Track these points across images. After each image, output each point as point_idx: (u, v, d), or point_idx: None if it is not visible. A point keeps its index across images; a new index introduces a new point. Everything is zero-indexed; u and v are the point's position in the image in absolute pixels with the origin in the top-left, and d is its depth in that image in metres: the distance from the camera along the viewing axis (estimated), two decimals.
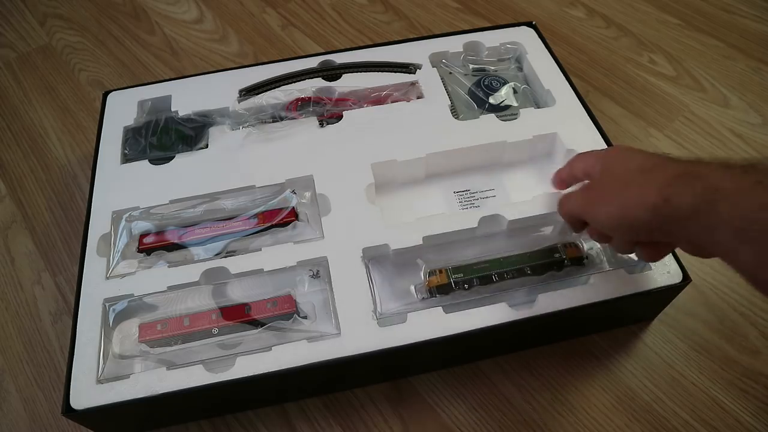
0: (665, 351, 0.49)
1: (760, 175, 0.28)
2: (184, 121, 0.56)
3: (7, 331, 0.54)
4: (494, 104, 0.57)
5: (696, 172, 0.31)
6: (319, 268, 0.46)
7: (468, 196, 0.53)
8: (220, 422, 0.47)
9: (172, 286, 0.46)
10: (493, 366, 0.49)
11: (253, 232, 0.48)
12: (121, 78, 0.74)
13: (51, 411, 0.49)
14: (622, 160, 0.37)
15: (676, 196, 0.31)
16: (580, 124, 0.54)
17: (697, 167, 0.31)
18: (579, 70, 0.71)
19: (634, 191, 0.33)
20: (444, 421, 0.47)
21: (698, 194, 0.30)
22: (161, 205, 0.50)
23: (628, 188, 0.34)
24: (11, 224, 0.61)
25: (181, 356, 0.43)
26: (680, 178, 0.31)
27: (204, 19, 0.82)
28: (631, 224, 0.34)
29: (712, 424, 0.45)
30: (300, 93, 0.57)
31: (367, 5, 0.82)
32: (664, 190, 0.31)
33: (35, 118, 0.71)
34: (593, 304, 0.43)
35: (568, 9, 0.79)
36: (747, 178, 0.28)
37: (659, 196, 0.31)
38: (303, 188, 0.51)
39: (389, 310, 0.44)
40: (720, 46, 0.72)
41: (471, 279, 0.45)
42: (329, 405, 0.48)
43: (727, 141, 0.63)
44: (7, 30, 0.82)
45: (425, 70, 0.59)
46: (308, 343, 0.42)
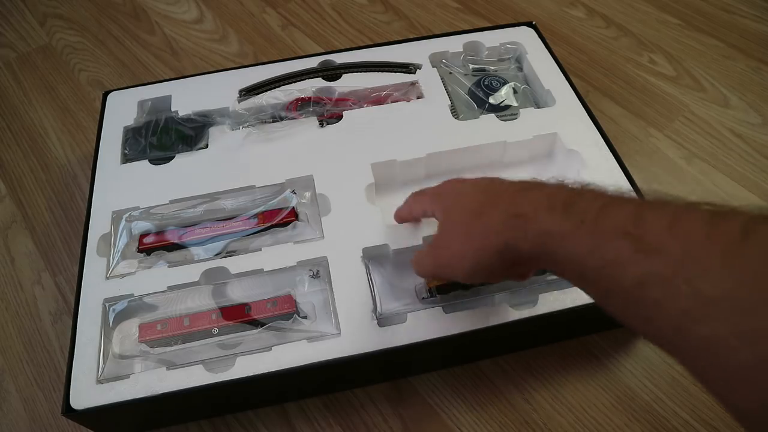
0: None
1: (581, 214, 0.27)
2: (184, 121, 0.56)
3: (7, 331, 0.54)
4: (494, 104, 0.57)
5: (524, 213, 0.30)
6: (319, 268, 0.46)
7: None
8: (220, 422, 0.47)
9: (172, 286, 0.46)
10: (493, 366, 0.49)
11: (253, 232, 0.48)
12: (121, 78, 0.74)
13: (51, 411, 0.49)
14: (457, 204, 0.36)
15: (513, 241, 0.30)
16: (580, 124, 0.54)
17: (523, 206, 0.30)
18: (579, 70, 0.71)
19: (477, 241, 0.32)
20: (444, 421, 0.47)
21: (531, 240, 0.29)
22: (161, 205, 0.50)
23: (469, 238, 0.33)
24: (11, 224, 0.61)
25: (181, 356, 0.43)
26: (511, 220, 0.30)
27: (204, 19, 0.82)
28: (485, 271, 0.34)
29: (712, 424, 0.45)
30: (300, 93, 0.57)
31: (367, 5, 0.82)
32: (501, 235, 0.31)
33: (35, 118, 0.71)
34: (593, 304, 0.43)
35: (568, 9, 0.79)
36: (569, 219, 0.27)
37: (499, 241, 0.31)
38: (303, 188, 0.51)
39: (389, 310, 0.44)
40: (720, 46, 0.72)
41: None
42: (329, 405, 0.48)
43: (727, 141, 0.63)
44: (7, 30, 0.82)
45: (425, 70, 0.59)
46: (308, 343, 0.42)
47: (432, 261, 0.38)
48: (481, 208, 0.33)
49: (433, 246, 0.38)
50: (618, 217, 0.25)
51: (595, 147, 0.52)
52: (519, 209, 0.30)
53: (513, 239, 0.30)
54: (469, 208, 0.34)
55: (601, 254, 0.25)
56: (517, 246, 0.30)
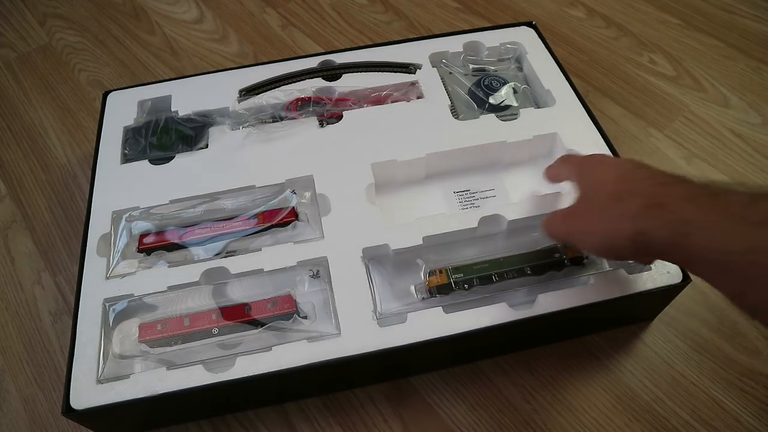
0: (665, 351, 0.49)
1: (728, 205, 0.28)
2: (184, 121, 0.56)
3: (7, 331, 0.54)
4: (494, 104, 0.57)
5: (664, 203, 0.31)
6: (319, 268, 0.46)
7: (468, 196, 0.53)
8: (220, 422, 0.47)
9: (172, 286, 0.46)
10: (493, 366, 0.49)
11: (253, 232, 0.48)
12: (121, 78, 0.74)
13: (51, 411, 0.49)
14: (597, 183, 0.37)
15: (650, 229, 0.31)
16: (580, 124, 0.54)
17: (664, 197, 0.31)
18: (579, 70, 0.71)
19: (610, 223, 0.34)
20: (444, 421, 0.47)
21: (669, 227, 0.30)
22: (161, 205, 0.50)
23: (604, 219, 0.34)
24: (11, 224, 0.61)
25: (181, 356, 0.43)
26: (650, 210, 0.31)
27: (204, 19, 0.82)
28: (612, 252, 0.35)
29: (712, 424, 0.45)
30: (300, 93, 0.57)
31: (367, 5, 0.82)
32: (637, 222, 0.32)
33: (35, 118, 0.71)
34: (593, 304, 0.43)
35: (568, 9, 0.79)
36: (715, 209, 0.28)
37: (633, 228, 0.32)
38: (303, 188, 0.51)
39: (389, 310, 0.44)
40: (720, 46, 0.72)
41: (471, 279, 0.45)
42: (329, 405, 0.48)
43: (727, 141, 0.63)
44: (7, 30, 0.82)
45: (425, 70, 0.59)
46: (308, 343, 0.42)
47: (565, 228, 0.39)
48: (621, 193, 0.34)
49: (568, 214, 0.39)
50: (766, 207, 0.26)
51: (595, 147, 0.52)
52: (659, 199, 0.31)
53: (649, 227, 0.31)
54: (608, 190, 0.35)
55: (746, 241, 0.26)
56: (651, 234, 0.31)
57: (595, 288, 0.44)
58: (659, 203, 0.31)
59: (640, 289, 0.44)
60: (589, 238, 0.36)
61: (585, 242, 0.37)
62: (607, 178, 0.36)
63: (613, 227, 0.33)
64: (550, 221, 0.41)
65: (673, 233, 0.30)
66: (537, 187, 0.51)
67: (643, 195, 0.32)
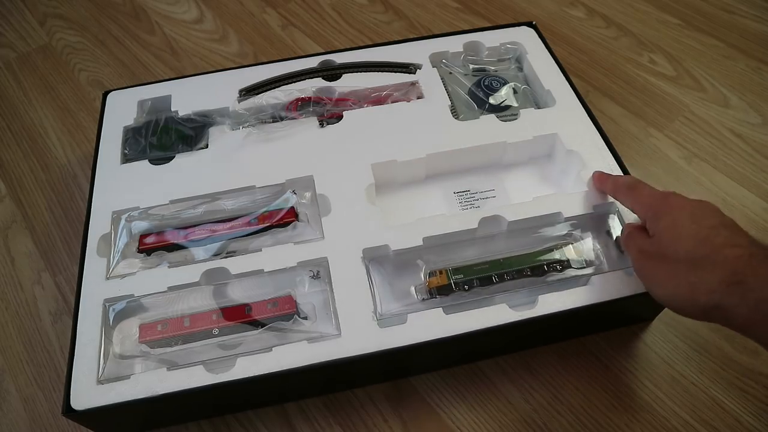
0: (665, 351, 0.49)
1: None
2: (184, 121, 0.56)
3: (7, 331, 0.54)
4: (494, 104, 0.57)
5: (747, 282, 0.29)
6: (319, 269, 0.46)
7: (468, 197, 0.53)
8: (220, 422, 0.47)
9: (173, 287, 0.46)
10: (493, 366, 0.49)
11: (253, 232, 0.48)
12: (121, 78, 0.74)
13: (51, 411, 0.49)
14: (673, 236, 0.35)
15: (728, 305, 0.30)
16: (580, 124, 0.54)
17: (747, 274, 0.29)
18: (579, 70, 0.71)
19: (684, 288, 0.32)
20: (444, 421, 0.47)
21: (753, 306, 0.29)
22: (161, 205, 0.50)
23: (678, 280, 0.33)
24: (11, 224, 0.61)
25: (181, 357, 0.43)
26: (730, 287, 0.30)
27: (204, 19, 0.82)
28: (680, 312, 0.35)
29: (712, 424, 0.45)
30: (300, 93, 0.57)
31: (367, 5, 0.82)
32: (715, 296, 0.30)
33: (35, 118, 0.71)
34: (593, 305, 0.43)
35: (568, 9, 0.79)
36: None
37: (709, 301, 0.31)
38: (303, 188, 0.51)
39: (389, 311, 0.44)
40: (720, 46, 0.72)
41: (471, 280, 0.45)
42: (329, 405, 0.48)
43: (727, 141, 0.63)
44: (7, 30, 0.82)
45: (425, 70, 0.59)
46: (308, 344, 0.42)
47: (639, 265, 0.38)
48: (701, 260, 0.32)
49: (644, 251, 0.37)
50: None
51: (595, 147, 0.52)
52: (742, 277, 0.30)
53: (727, 304, 0.30)
54: (686, 249, 0.33)
55: None
56: (730, 310, 0.30)
57: (595, 288, 0.44)
58: (741, 281, 0.29)
59: (640, 289, 0.44)
60: (659, 291, 0.35)
61: (654, 291, 0.36)
62: (686, 233, 0.34)
63: (687, 293, 0.32)
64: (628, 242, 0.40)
65: (754, 312, 0.29)
66: (537, 188, 0.52)
67: (724, 268, 0.31)
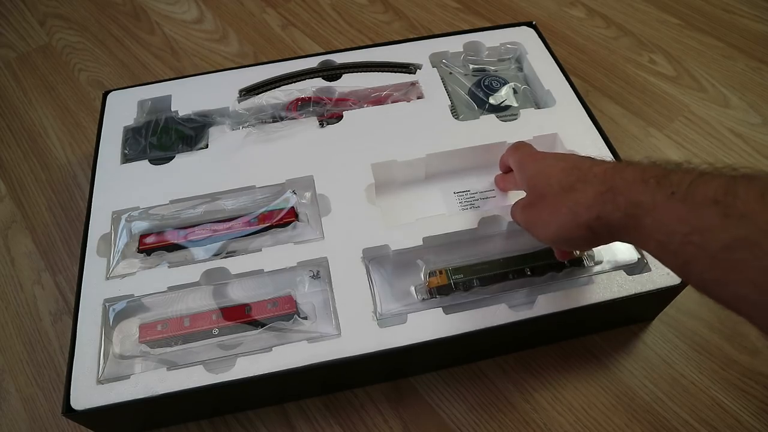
0: (665, 351, 0.49)
1: (673, 186, 0.28)
2: (184, 121, 0.56)
3: (7, 331, 0.54)
4: (494, 104, 0.57)
5: (617, 187, 0.31)
6: (319, 269, 0.46)
7: (468, 197, 0.53)
8: (220, 422, 0.47)
9: (173, 287, 0.46)
10: (493, 366, 0.49)
11: (253, 232, 0.48)
12: (121, 78, 0.74)
13: (51, 411, 0.49)
14: (544, 176, 0.38)
15: (605, 214, 0.32)
16: (580, 124, 0.54)
17: (616, 181, 0.32)
18: (579, 70, 0.71)
19: (567, 214, 0.34)
20: (444, 421, 0.47)
21: (623, 210, 0.31)
22: (161, 205, 0.50)
23: (559, 210, 0.35)
24: (11, 224, 0.61)
25: (181, 357, 0.43)
26: (604, 195, 0.32)
27: (204, 19, 0.82)
28: (569, 242, 0.36)
29: (712, 424, 0.45)
30: (300, 93, 0.57)
31: (367, 5, 0.82)
32: (593, 208, 0.32)
33: (35, 118, 0.71)
34: (593, 305, 0.43)
35: (568, 9, 0.79)
36: (662, 190, 0.29)
37: (590, 214, 0.33)
38: (303, 188, 0.51)
39: (389, 311, 0.44)
40: (720, 46, 0.72)
41: (471, 280, 0.45)
42: (329, 405, 0.48)
43: (727, 141, 0.63)
44: (7, 30, 0.82)
45: (425, 70, 0.59)
46: (308, 344, 0.42)
47: (523, 219, 0.40)
48: (573, 183, 0.35)
49: (525, 205, 0.40)
50: (709, 188, 0.27)
51: (594, 147, 0.52)
52: (611, 183, 0.32)
53: (606, 212, 0.32)
54: (558, 183, 0.36)
55: (689, 222, 0.27)
56: (607, 218, 0.32)
57: (595, 288, 0.44)
58: (611, 187, 0.32)
59: (640, 289, 0.44)
60: (546, 229, 0.37)
61: (542, 233, 0.38)
62: (554, 171, 0.37)
63: (570, 217, 0.34)
64: (513, 211, 0.42)
65: (626, 215, 0.31)
66: None
67: (595, 182, 0.33)
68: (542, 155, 0.41)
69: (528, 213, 0.39)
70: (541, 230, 0.38)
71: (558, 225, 0.35)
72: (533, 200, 0.39)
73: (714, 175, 0.28)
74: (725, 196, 0.26)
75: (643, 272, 0.45)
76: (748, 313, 0.25)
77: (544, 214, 0.37)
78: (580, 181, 0.34)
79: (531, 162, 0.41)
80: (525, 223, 0.40)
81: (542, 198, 0.37)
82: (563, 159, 0.38)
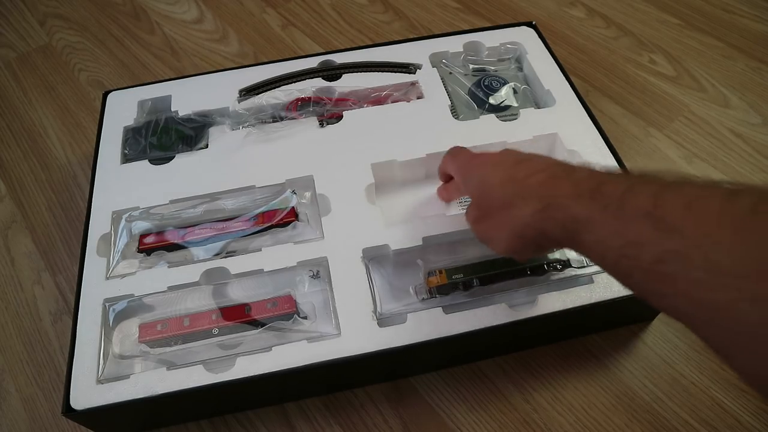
0: (665, 351, 0.49)
1: (606, 198, 0.28)
2: (184, 121, 0.56)
3: (7, 331, 0.54)
4: (494, 104, 0.57)
5: (553, 203, 0.31)
6: (319, 269, 0.46)
7: (468, 197, 0.53)
8: (220, 422, 0.47)
9: (172, 287, 0.46)
10: (493, 366, 0.49)
11: (253, 232, 0.48)
12: (121, 78, 0.74)
13: (51, 411, 0.49)
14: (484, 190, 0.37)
15: (547, 229, 0.32)
16: (580, 124, 0.54)
17: (552, 197, 0.31)
18: (579, 70, 0.71)
19: (509, 232, 0.35)
20: (444, 421, 0.47)
21: (562, 225, 0.31)
22: (161, 205, 0.50)
23: (503, 228, 0.35)
24: (11, 224, 0.61)
25: (181, 356, 0.43)
26: (544, 212, 0.32)
27: (204, 19, 0.82)
28: (521, 254, 0.36)
29: (712, 424, 0.45)
30: (300, 93, 0.57)
31: (367, 5, 0.82)
32: (535, 224, 0.32)
33: (35, 118, 0.71)
34: (593, 305, 0.43)
35: (568, 9, 0.79)
36: (595, 204, 0.29)
37: (533, 230, 0.33)
38: (303, 188, 0.51)
39: (389, 311, 0.44)
40: (720, 46, 0.72)
41: (471, 279, 0.45)
42: (329, 405, 0.48)
43: (727, 141, 0.63)
44: (7, 30, 0.82)
45: (425, 70, 0.59)
46: (308, 344, 0.42)
47: (477, 234, 0.40)
48: (512, 200, 0.34)
49: (474, 219, 0.40)
50: (639, 199, 0.27)
51: (594, 147, 0.52)
52: (549, 200, 0.32)
53: (546, 228, 0.32)
54: (498, 198, 0.36)
55: (623, 235, 0.27)
56: (549, 233, 0.32)
57: (595, 288, 0.44)
58: (549, 204, 0.31)
59: None
60: (498, 245, 0.37)
61: (495, 248, 0.37)
62: (493, 182, 0.36)
63: (513, 234, 0.34)
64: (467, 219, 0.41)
65: (565, 230, 0.30)
66: None
67: (532, 197, 0.33)
68: (481, 161, 0.39)
69: (478, 228, 0.39)
70: (495, 246, 0.37)
71: (507, 241, 0.35)
72: (481, 215, 0.38)
73: (645, 183, 0.27)
74: (655, 207, 0.26)
75: None
76: (688, 325, 0.25)
77: (491, 231, 0.37)
78: (517, 196, 0.34)
79: (471, 170, 0.40)
80: (479, 237, 0.39)
81: (487, 213, 0.37)
82: (500, 165, 0.37)
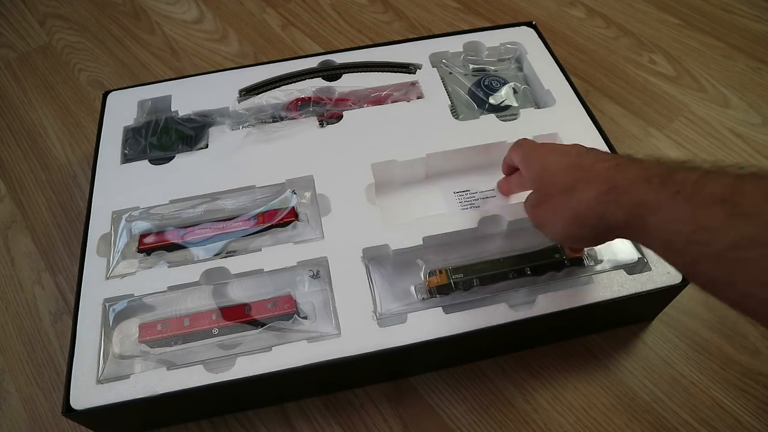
0: (665, 351, 0.49)
1: (678, 185, 0.28)
2: (184, 121, 0.56)
3: (7, 331, 0.54)
4: (494, 104, 0.57)
5: (619, 186, 0.31)
6: (319, 269, 0.46)
7: (468, 197, 0.53)
8: (220, 422, 0.47)
9: (173, 286, 0.46)
10: (493, 366, 0.49)
11: (253, 232, 0.48)
12: (121, 78, 0.74)
13: (51, 411, 0.49)
14: (548, 177, 0.38)
15: (609, 213, 0.32)
16: (580, 124, 0.54)
17: (618, 180, 0.32)
18: (579, 70, 0.71)
19: (569, 215, 0.35)
20: (444, 421, 0.47)
21: (627, 209, 0.31)
22: (161, 205, 0.50)
23: (563, 210, 0.35)
24: (11, 224, 0.61)
25: (181, 356, 0.43)
26: (608, 195, 0.32)
27: (204, 19, 0.82)
28: (577, 240, 0.37)
29: (712, 424, 0.45)
30: (300, 93, 0.57)
31: (367, 5, 0.82)
32: (595, 209, 0.33)
33: (35, 118, 0.71)
34: (593, 305, 0.43)
35: (568, 9, 0.79)
36: (666, 189, 0.29)
37: (593, 215, 0.33)
38: (303, 188, 0.51)
39: (389, 311, 0.44)
40: (720, 46, 0.72)
41: (471, 279, 0.45)
42: (329, 405, 0.48)
43: (727, 141, 0.63)
44: (7, 30, 0.82)
45: (425, 70, 0.59)
46: (308, 344, 0.42)
47: (532, 218, 0.40)
48: (575, 183, 0.35)
49: (533, 204, 0.40)
50: (715, 186, 0.27)
51: (595, 147, 0.52)
52: (614, 183, 0.32)
53: (610, 212, 0.32)
54: (561, 183, 0.36)
55: (695, 220, 0.27)
56: (610, 218, 0.32)
57: (595, 288, 0.44)
58: (614, 187, 0.32)
59: (640, 289, 0.44)
60: (553, 229, 0.37)
61: (550, 232, 0.38)
62: (557, 168, 0.37)
63: (574, 217, 0.34)
64: (525, 207, 0.42)
65: (629, 215, 0.31)
66: None
67: (597, 181, 0.33)
68: (546, 149, 0.40)
69: (536, 213, 0.40)
70: (549, 230, 0.38)
71: (563, 225, 0.36)
72: (540, 199, 0.39)
73: (719, 173, 0.27)
74: (732, 195, 0.26)
75: (644, 272, 0.45)
76: (755, 312, 0.25)
77: (549, 214, 0.37)
78: (581, 180, 0.34)
79: (536, 157, 0.41)
80: (534, 222, 0.40)
81: (548, 198, 0.38)
82: (566, 154, 0.38)
